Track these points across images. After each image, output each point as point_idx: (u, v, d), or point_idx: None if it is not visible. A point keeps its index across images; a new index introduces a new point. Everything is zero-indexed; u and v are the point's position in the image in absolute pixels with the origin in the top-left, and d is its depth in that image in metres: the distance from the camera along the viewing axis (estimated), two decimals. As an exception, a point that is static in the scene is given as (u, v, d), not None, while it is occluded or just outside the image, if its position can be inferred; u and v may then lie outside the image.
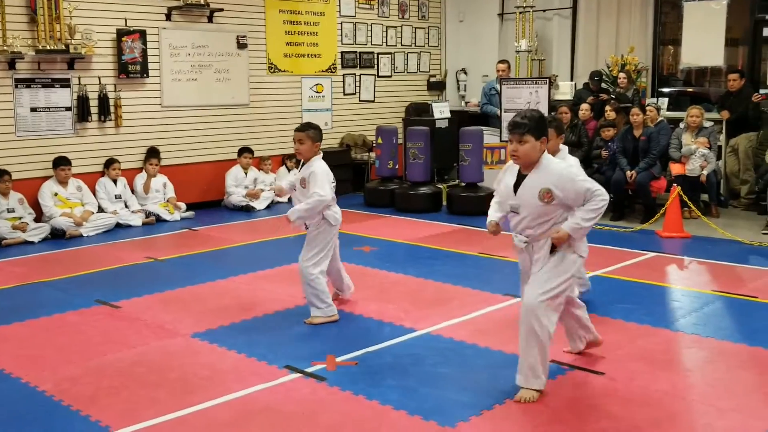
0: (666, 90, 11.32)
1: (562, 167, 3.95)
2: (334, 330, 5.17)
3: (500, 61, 10.90)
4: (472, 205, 9.32)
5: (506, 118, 9.48)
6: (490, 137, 9.69)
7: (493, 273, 6.75)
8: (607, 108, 9.66)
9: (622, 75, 10.39)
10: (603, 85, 10.68)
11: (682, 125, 9.25)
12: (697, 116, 8.98)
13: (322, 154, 5.31)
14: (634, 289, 6.12)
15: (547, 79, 9.56)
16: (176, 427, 3.72)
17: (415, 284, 6.26)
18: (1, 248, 7.73)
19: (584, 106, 9.83)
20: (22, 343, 4.92)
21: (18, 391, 4.18)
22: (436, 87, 12.85)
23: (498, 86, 10.14)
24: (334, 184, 5.35)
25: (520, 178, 3.94)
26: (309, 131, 5.24)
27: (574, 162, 5.21)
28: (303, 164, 5.31)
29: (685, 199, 8.22)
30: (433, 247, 7.61)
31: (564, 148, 5.20)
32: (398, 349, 4.76)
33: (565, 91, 11.16)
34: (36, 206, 8.38)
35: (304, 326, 5.23)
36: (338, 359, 4.55)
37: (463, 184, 9.67)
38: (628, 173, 8.77)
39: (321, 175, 5.18)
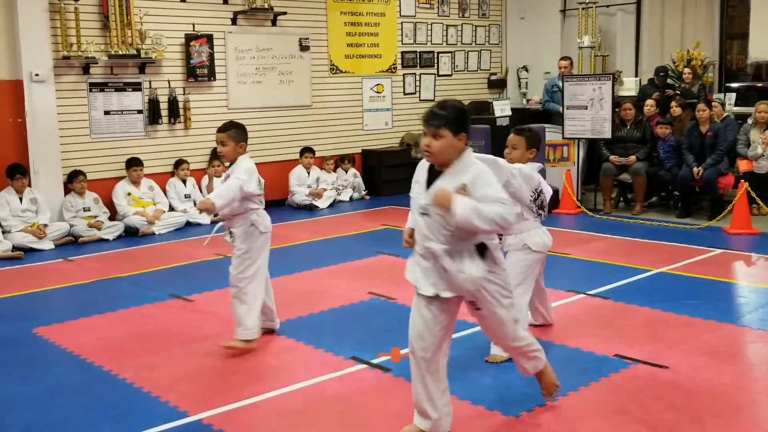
0: (734, 85, 11.07)
1: (483, 168, 3.30)
2: (398, 324, 5.25)
3: (562, 58, 10.85)
4: (533, 202, 9.30)
5: (569, 115, 9.46)
6: (552, 135, 9.66)
7: (555, 269, 6.72)
8: (673, 104, 9.52)
9: (687, 70, 10.23)
10: (668, 80, 10.54)
11: (750, 121, 9.06)
12: (766, 111, 8.79)
13: (248, 154, 4.87)
14: (701, 286, 6.05)
15: (611, 76, 9.49)
16: (250, 412, 3.88)
17: (477, 280, 6.30)
18: (78, 245, 8.08)
19: (649, 102, 9.72)
20: (103, 333, 5.17)
21: (100, 378, 4.41)
22: (497, 85, 12.85)
23: (560, 83, 10.10)
24: (263, 183, 4.97)
25: (434, 175, 3.32)
26: (231, 131, 4.75)
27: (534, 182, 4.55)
28: (229, 166, 4.83)
29: (753, 195, 8.07)
30: (494, 244, 7.64)
31: (535, 166, 4.55)
32: (461, 343, 4.83)
33: (630, 87, 11.04)
34: (110, 205, 8.73)
35: (368, 320, 5.35)
36: (402, 351, 4.64)
37: (525, 181, 9.64)
38: (695, 170, 8.64)
39: (243, 167, 4.72)
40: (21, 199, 8.06)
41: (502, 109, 10.60)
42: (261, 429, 3.69)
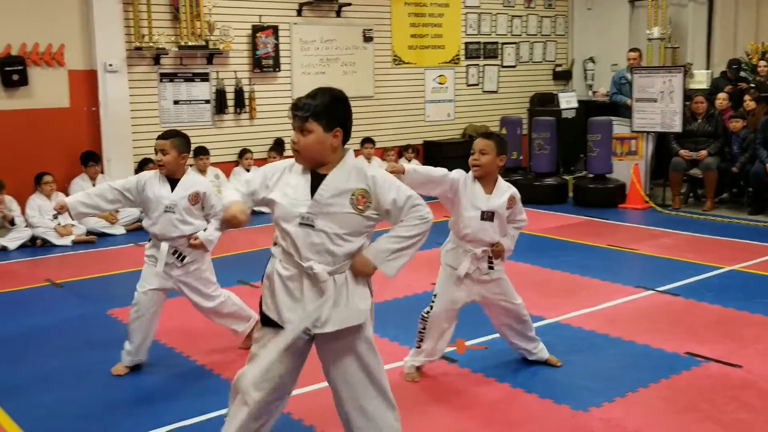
0: (811, 78, 10.67)
1: (381, 171, 2.86)
2: (462, 315, 5.25)
3: (631, 50, 10.62)
4: (600, 196, 9.18)
5: (638, 108, 9.27)
6: (619, 127, 9.48)
7: (622, 265, 6.67)
8: (746, 97, 9.24)
9: (762, 63, 9.91)
10: (742, 73, 10.22)
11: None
12: None
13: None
14: (775, 284, 5.88)
15: (682, 68, 9.26)
16: (318, 396, 3.93)
17: (542, 274, 6.26)
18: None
19: (721, 96, 9.45)
20: (174, 316, 5.29)
21: (173, 360, 4.53)
22: (563, 76, 12.67)
23: (629, 75, 9.90)
24: None
25: (317, 178, 2.77)
26: (174, 139, 4.28)
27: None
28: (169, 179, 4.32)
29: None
30: (559, 239, 7.56)
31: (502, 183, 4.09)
32: (527, 336, 4.80)
33: (701, 80, 10.74)
34: (178, 193, 8.90)
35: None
36: (468, 343, 4.64)
37: (591, 175, 9.51)
38: (768, 165, 8.38)
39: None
40: (94, 185, 8.30)
41: (568, 101, 10.46)
42: (329, 414, 3.73)
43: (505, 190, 4.07)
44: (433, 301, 4.15)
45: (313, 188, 2.74)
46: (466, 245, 4.02)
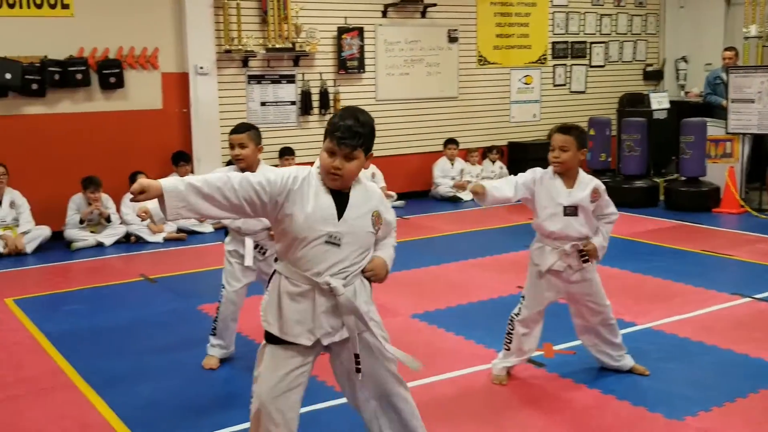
0: None
1: (375, 187, 2.92)
2: (550, 319, 5.15)
3: (727, 49, 10.24)
4: (692, 200, 8.87)
5: (734, 109, 8.93)
6: (714, 129, 9.15)
7: (717, 271, 6.42)
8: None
9: None
10: None
11: None
12: None
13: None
14: None
15: (782, 67, 8.86)
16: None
17: (633, 279, 6.09)
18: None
19: (824, 95, 8.99)
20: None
21: (260, 355, 4.61)
22: (653, 76, 12.31)
23: (724, 75, 9.55)
24: None
25: (340, 196, 2.74)
26: (250, 132, 4.31)
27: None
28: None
29: None
30: (650, 243, 7.34)
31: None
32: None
33: (801, 79, 10.24)
34: (264, 192, 9.07)
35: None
36: (556, 347, 4.56)
37: (683, 178, 9.21)
38: None
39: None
40: (185, 184, 8.54)
41: (659, 101, 10.16)
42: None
43: (587, 182, 3.96)
44: (521, 303, 4.09)
45: (338, 207, 2.71)
46: (552, 242, 3.94)
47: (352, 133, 2.65)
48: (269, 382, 2.75)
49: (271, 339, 2.78)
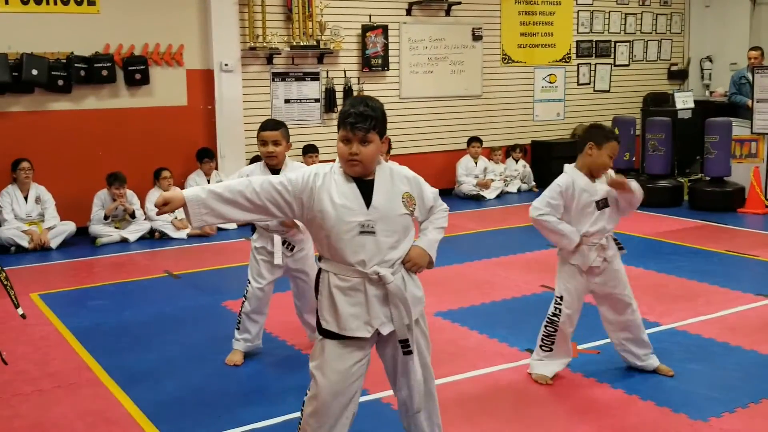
0: None
1: (403, 168, 2.93)
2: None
3: (752, 48, 10.13)
4: (717, 200, 8.80)
5: (759, 109, 8.84)
6: (739, 129, 9.06)
7: (742, 271, 6.37)
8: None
9: None
10: None
11: None
12: None
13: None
14: None
15: (808, 66, 8.76)
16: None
17: (657, 279, 6.06)
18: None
19: None
20: (287, 310, 5.38)
21: (285, 351, 4.66)
22: (678, 76, 12.21)
23: (749, 75, 9.46)
24: None
25: (365, 185, 2.77)
26: (282, 129, 4.27)
27: None
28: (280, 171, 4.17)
29: None
30: (674, 243, 7.30)
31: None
32: (642, 342, 4.66)
33: (828, 79, 10.12)
34: (288, 190, 9.11)
35: (542, 312, 5.24)
36: (580, 347, 4.54)
37: (708, 178, 9.14)
38: None
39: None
40: (209, 180, 8.60)
41: (684, 101, 10.06)
42: (440, 412, 3.74)
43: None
44: (559, 304, 4.06)
45: (364, 195, 2.74)
46: (590, 240, 3.94)
47: (363, 117, 2.70)
48: (331, 377, 2.76)
49: (329, 335, 2.78)
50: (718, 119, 9.21)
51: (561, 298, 4.06)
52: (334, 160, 2.90)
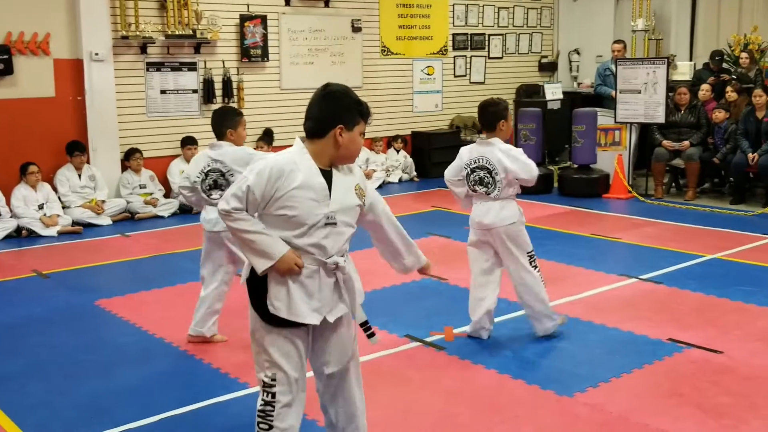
0: (792, 70, 10.80)
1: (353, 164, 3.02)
2: (451, 304, 5.33)
3: (616, 41, 10.70)
4: (584, 187, 9.27)
5: (621, 99, 9.36)
6: (604, 119, 9.57)
7: (606, 253, 6.76)
8: (728, 89, 9.35)
9: (744, 54, 10.01)
10: (724, 65, 10.33)
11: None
12: (827, 96, 8.58)
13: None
14: (755, 272, 5.98)
15: (665, 59, 9.34)
16: (309, 384, 3.97)
17: (528, 262, 6.33)
18: (134, 222, 8.29)
19: (704, 87, 9.56)
20: (163, 307, 5.33)
21: (162, 349, 4.57)
22: (548, 68, 12.75)
23: (613, 67, 9.99)
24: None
25: (327, 175, 2.80)
26: None
27: None
28: None
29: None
30: (545, 228, 7.64)
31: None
32: (514, 324, 4.88)
33: (684, 71, 10.84)
34: (165, 183, 8.91)
35: (421, 299, 5.42)
36: (455, 330, 4.71)
37: (575, 165, 9.61)
38: (750, 156, 8.48)
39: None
40: (80, 175, 8.28)
41: (553, 92, 10.52)
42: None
43: None
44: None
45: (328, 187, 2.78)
46: None
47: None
48: (287, 365, 2.81)
49: (277, 322, 2.78)
50: (584, 109, 9.69)
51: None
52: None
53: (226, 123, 4.53)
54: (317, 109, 2.83)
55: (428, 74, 11.41)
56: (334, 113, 2.79)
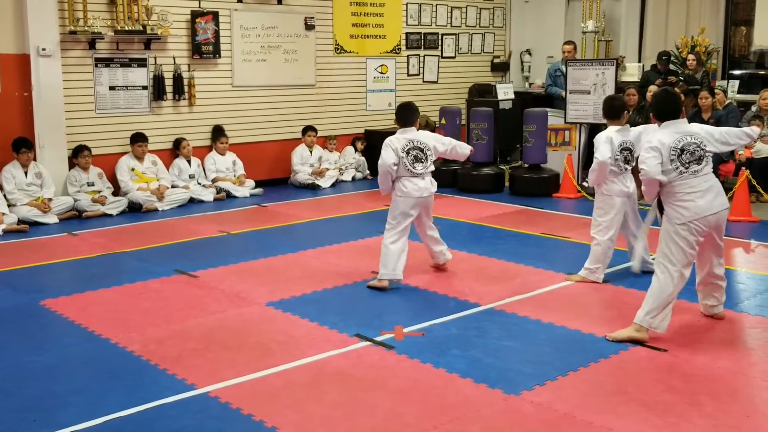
0: (737, 72, 11.11)
1: None
2: (401, 302, 5.36)
3: (566, 42, 10.86)
4: (534, 186, 9.38)
5: (571, 100, 9.49)
6: (554, 119, 9.70)
7: (555, 252, 6.85)
8: (675, 90, 9.55)
9: (691, 57, 10.26)
10: (672, 66, 10.56)
11: (754, 108, 9.10)
12: (769, 99, 8.83)
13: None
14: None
15: (614, 61, 9.50)
16: (257, 385, 3.96)
17: (478, 262, 6.39)
18: (82, 220, 8.13)
19: (652, 88, 9.74)
20: (110, 307, 5.24)
21: (108, 350, 4.49)
22: (500, 68, 12.87)
23: (563, 68, 10.12)
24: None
25: None
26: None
27: None
28: None
29: (754, 183, 8.12)
30: (495, 227, 7.72)
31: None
32: (463, 322, 4.92)
33: (633, 72, 11.06)
34: (114, 180, 8.77)
35: (372, 298, 5.43)
36: (405, 330, 4.74)
37: (526, 165, 9.72)
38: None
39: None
40: (26, 173, 8.10)
41: (505, 92, 10.63)
42: (268, 402, 3.78)
43: None
44: None
45: None
46: None
47: None
48: None
49: None
50: (535, 110, 9.81)
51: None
52: (167, 151, 2.84)
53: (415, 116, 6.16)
54: None
55: (382, 73, 11.42)
56: None
